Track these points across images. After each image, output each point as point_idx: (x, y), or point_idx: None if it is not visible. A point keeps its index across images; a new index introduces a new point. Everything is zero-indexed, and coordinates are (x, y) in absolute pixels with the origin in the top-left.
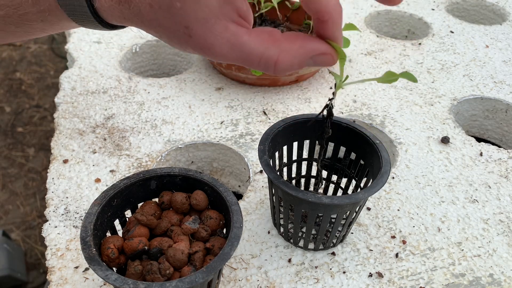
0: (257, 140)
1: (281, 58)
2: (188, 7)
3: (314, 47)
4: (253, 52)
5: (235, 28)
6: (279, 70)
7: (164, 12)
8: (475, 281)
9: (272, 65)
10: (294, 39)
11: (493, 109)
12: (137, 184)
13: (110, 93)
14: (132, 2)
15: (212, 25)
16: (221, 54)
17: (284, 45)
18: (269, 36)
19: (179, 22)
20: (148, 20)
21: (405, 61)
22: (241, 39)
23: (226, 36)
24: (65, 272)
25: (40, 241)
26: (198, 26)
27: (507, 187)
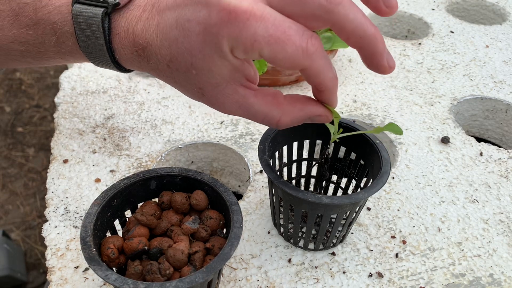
0: (257, 140)
1: (283, 119)
2: (202, 75)
3: (312, 110)
4: (259, 113)
5: (243, 91)
6: (280, 127)
7: (180, 74)
8: (475, 281)
9: (275, 123)
10: (294, 102)
11: (493, 109)
12: (137, 184)
13: (110, 93)
14: (151, 59)
15: (223, 89)
16: (230, 111)
17: (285, 108)
18: (272, 99)
19: (194, 84)
20: (165, 76)
21: (405, 61)
22: (248, 100)
23: (235, 98)
24: (65, 272)
25: (40, 241)
26: (210, 89)
27: (507, 187)
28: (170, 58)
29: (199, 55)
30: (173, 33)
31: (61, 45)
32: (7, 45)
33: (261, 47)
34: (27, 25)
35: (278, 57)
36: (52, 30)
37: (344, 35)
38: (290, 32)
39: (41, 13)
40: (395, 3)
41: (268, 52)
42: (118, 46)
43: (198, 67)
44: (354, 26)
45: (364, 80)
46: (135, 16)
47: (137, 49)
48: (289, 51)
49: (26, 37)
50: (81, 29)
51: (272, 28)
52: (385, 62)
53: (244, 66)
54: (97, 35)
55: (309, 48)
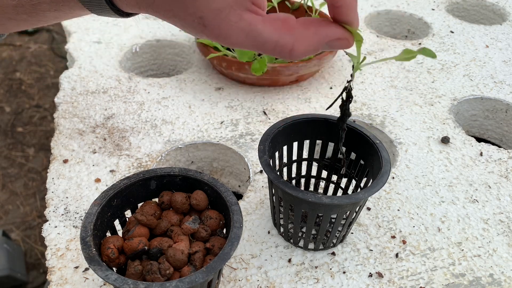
0: (257, 140)
1: (296, 46)
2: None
3: (329, 32)
4: (268, 41)
5: (249, 17)
6: (294, 57)
7: (178, 4)
8: (475, 281)
9: (287, 52)
10: (308, 25)
11: (493, 109)
12: (137, 184)
13: (110, 93)
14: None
15: (226, 15)
16: (237, 42)
17: (299, 32)
18: (283, 23)
19: (193, 13)
20: (163, 10)
21: (405, 61)
22: (255, 27)
23: (240, 26)
24: (65, 272)
25: (40, 241)
26: (212, 17)
27: (507, 187)
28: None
29: None
30: None
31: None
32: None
33: None
34: None
35: None
36: None
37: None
38: None
39: None
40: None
41: None
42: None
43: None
44: None
45: (364, 80)
46: None
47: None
48: None
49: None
50: None
51: None
52: None
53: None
54: None
55: None
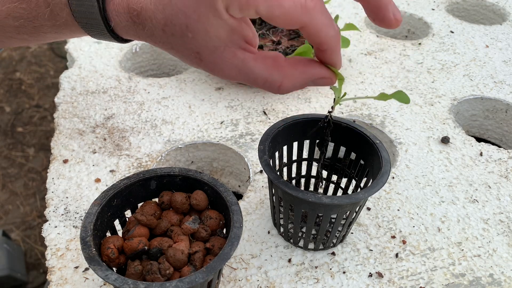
0: (257, 140)
1: (284, 83)
2: (199, 37)
3: (314, 72)
4: (259, 77)
5: (242, 55)
6: (282, 92)
7: (176, 39)
8: (475, 281)
9: (276, 88)
10: (296, 64)
11: (493, 109)
12: (137, 184)
13: (110, 93)
14: (146, 25)
15: (222, 53)
16: (230, 76)
17: (287, 71)
18: (273, 62)
19: (190, 48)
20: (162, 42)
21: (405, 61)
22: (248, 64)
23: (234, 62)
24: (65, 272)
25: (40, 241)
26: (208, 53)
27: (507, 187)
28: (165, 22)
29: (193, 16)
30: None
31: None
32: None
33: (257, 4)
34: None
35: (275, 14)
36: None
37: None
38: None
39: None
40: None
41: (265, 9)
42: (113, 13)
43: (193, 29)
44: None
45: (364, 80)
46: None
47: (131, 16)
48: (286, 7)
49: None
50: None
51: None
52: (391, 15)
53: (241, 27)
54: (91, 3)
55: (308, 3)
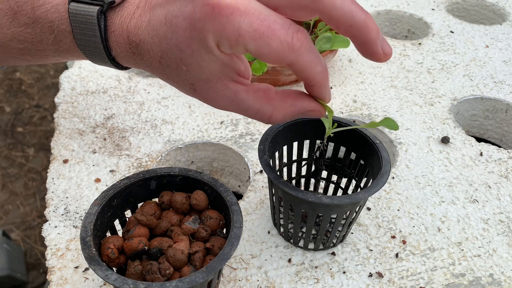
0: (257, 140)
1: (274, 115)
2: (192, 70)
3: (303, 105)
4: (250, 108)
5: (234, 87)
6: (272, 123)
7: (171, 70)
8: (475, 281)
9: (266, 119)
10: (286, 97)
11: (493, 109)
12: (137, 184)
13: (110, 93)
14: (144, 56)
15: (214, 84)
16: (223, 107)
17: (277, 104)
18: (264, 94)
19: (185, 79)
20: (158, 72)
21: (405, 61)
22: (240, 96)
23: (226, 94)
24: (65, 272)
25: (40, 241)
26: (201, 84)
27: (507, 187)
28: (161, 54)
29: (187, 51)
30: (162, 30)
31: (59, 43)
32: (6, 43)
33: (246, 42)
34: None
35: (264, 52)
36: (49, 28)
37: (333, 24)
38: (275, 27)
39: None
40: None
41: (253, 47)
42: (114, 43)
43: (187, 62)
44: (342, 14)
45: (364, 80)
46: (129, 13)
47: (131, 46)
48: (274, 46)
49: (25, 35)
50: (78, 27)
51: (257, 22)
52: (380, 50)
53: (233, 61)
54: (93, 33)
55: (295, 43)
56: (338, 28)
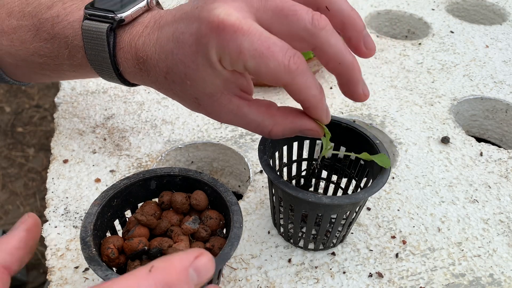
0: (257, 140)
1: (274, 129)
2: (197, 85)
3: (302, 124)
4: (252, 122)
5: (237, 101)
6: (272, 137)
7: (177, 85)
8: (475, 281)
9: (267, 133)
10: (287, 114)
11: (493, 109)
12: (137, 184)
13: (110, 93)
14: (151, 72)
15: (218, 99)
16: (226, 120)
17: (278, 119)
18: (266, 109)
19: (190, 94)
20: (164, 88)
21: (405, 61)
22: (242, 110)
23: (229, 108)
24: (65, 272)
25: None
26: (206, 99)
27: (507, 187)
28: (166, 70)
29: (192, 66)
30: (169, 46)
31: (73, 58)
32: (29, 57)
33: (245, 60)
34: (45, 39)
35: (261, 71)
36: (65, 43)
37: (324, 59)
38: (274, 49)
39: (57, 27)
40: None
41: (252, 65)
42: (122, 59)
43: (192, 77)
44: (334, 51)
45: (364, 80)
46: (138, 32)
47: (138, 63)
48: (271, 66)
49: (44, 50)
50: (89, 43)
51: (258, 42)
52: (360, 90)
53: (235, 77)
54: (103, 48)
55: (291, 65)
56: (327, 64)
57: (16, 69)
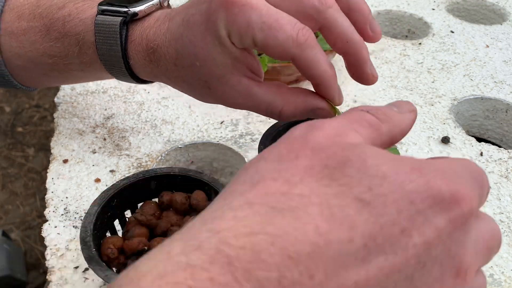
0: (257, 140)
1: (285, 108)
2: (206, 65)
3: (314, 102)
4: (262, 102)
5: (247, 82)
6: (283, 118)
7: (186, 70)
8: None
9: (277, 113)
10: (298, 93)
11: (493, 109)
12: (137, 184)
13: (110, 93)
14: (160, 61)
15: (228, 80)
16: (236, 104)
17: (289, 98)
18: (276, 89)
19: (199, 78)
20: (174, 77)
21: (405, 61)
22: (252, 90)
23: (239, 89)
24: (65, 272)
25: (40, 241)
26: (215, 81)
27: (508, 187)
28: (176, 55)
29: (201, 44)
30: (179, 31)
31: (83, 56)
32: (38, 58)
33: (254, 33)
34: (56, 38)
35: (270, 44)
36: (76, 40)
37: (332, 38)
38: (282, 21)
39: (68, 25)
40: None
41: (261, 38)
42: (133, 52)
43: (201, 57)
44: (341, 30)
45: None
46: (149, 24)
47: (148, 53)
48: (279, 39)
49: (54, 49)
50: (101, 36)
51: (266, 16)
52: (368, 70)
53: (245, 56)
54: (115, 42)
55: (300, 37)
56: (335, 43)
57: (24, 72)
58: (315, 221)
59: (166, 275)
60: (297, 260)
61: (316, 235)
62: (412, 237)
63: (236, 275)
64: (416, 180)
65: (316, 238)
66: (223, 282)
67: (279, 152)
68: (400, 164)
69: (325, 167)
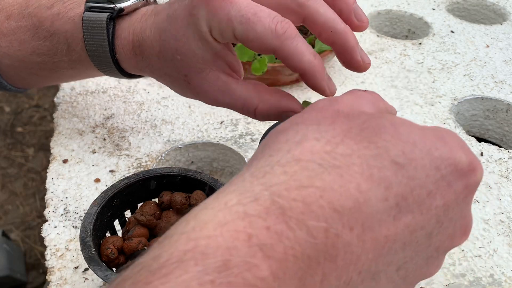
0: (257, 140)
1: (260, 106)
2: (187, 59)
3: (287, 104)
4: (239, 98)
5: (225, 78)
6: (258, 116)
7: (168, 63)
8: (476, 282)
9: (253, 111)
10: (274, 93)
11: (494, 109)
12: (137, 184)
13: (110, 93)
14: (144, 54)
15: (207, 74)
16: (214, 99)
17: (264, 96)
18: (253, 87)
19: (179, 71)
20: (156, 69)
21: (405, 61)
22: (229, 86)
23: (217, 84)
24: (65, 273)
25: (39, 241)
26: (195, 75)
27: (508, 187)
28: (159, 49)
29: (183, 39)
30: (163, 25)
31: (71, 53)
32: (27, 57)
33: (234, 26)
34: (44, 37)
35: (249, 37)
36: (64, 38)
37: (316, 30)
38: (260, 14)
39: (57, 24)
40: (366, 19)
41: (240, 31)
42: (119, 47)
43: (182, 51)
44: (325, 20)
45: (364, 80)
46: (136, 19)
47: (134, 47)
48: (258, 31)
49: (43, 48)
50: (89, 32)
51: (245, 9)
52: (359, 57)
53: (225, 53)
54: (102, 37)
55: (278, 29)
56: (320, 34)
57: (13, 71)
58: (357, 179)
59: (226, 224)
60: (342, 213)
61: (357, 192)
62: (436, 199)
63: (290, 224)
64: (441, 148)
65: (357, 195)
66: (279, 230)
67: (316, 117)
68: (426, 133)
69: (362, 130)
